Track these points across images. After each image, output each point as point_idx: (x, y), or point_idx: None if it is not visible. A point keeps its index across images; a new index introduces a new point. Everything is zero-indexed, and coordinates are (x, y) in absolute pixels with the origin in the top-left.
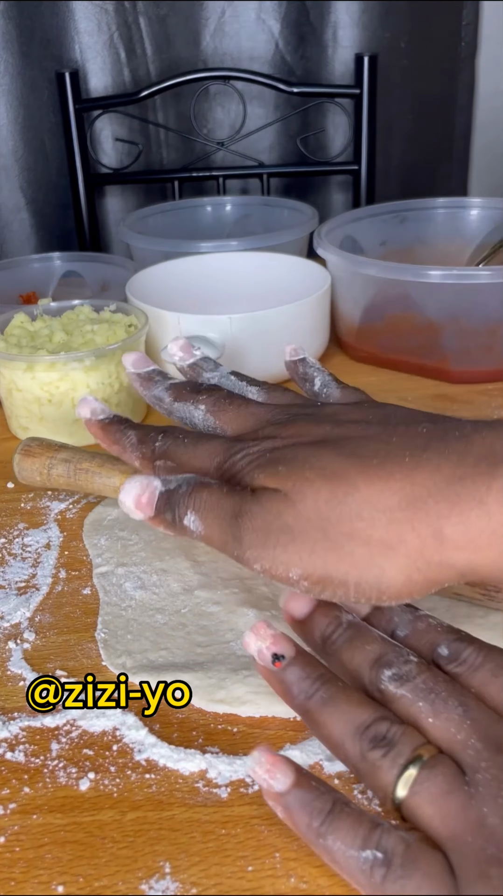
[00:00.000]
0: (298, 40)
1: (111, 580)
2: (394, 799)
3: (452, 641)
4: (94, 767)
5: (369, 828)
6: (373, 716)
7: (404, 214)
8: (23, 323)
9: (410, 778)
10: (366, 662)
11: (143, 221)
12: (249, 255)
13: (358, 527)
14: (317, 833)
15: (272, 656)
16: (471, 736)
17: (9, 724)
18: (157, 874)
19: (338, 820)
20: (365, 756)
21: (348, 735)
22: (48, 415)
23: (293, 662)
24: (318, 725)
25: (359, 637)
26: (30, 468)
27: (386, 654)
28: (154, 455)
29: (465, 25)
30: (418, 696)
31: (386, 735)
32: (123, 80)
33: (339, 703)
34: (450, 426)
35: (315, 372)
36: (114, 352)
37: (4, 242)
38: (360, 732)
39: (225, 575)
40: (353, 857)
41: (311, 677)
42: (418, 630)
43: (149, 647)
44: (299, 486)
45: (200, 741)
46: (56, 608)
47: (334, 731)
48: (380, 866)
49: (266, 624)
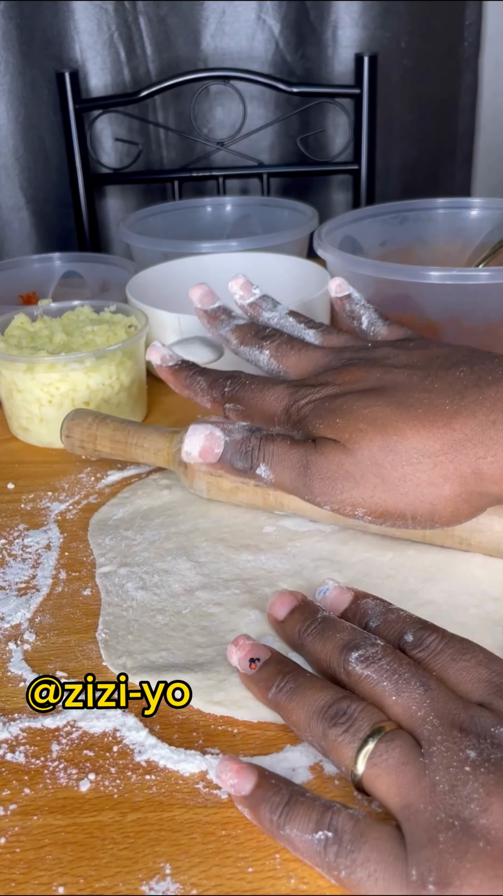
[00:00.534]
0: (298, 40)
1: (113, 580)
2: (354, 773)
3: (418, 629)
4: (94, 768)
5: (321, 811)
6: (334, 696)
7: (404, 215)
8: (23, 324)
9: (368, 751)
10: (335, 648)
11: (143, 222)
12: (249, 256)
13: (408, 470)
14: (276, 825)
15: (249, 661)
16: (430, 713)
17: (9, 726)
18: (158, 875)
19: (293, 809)
20: (326, 733)
21: (312, 716)
22: (48, 416)
23: (267, 663)
24: (288, 713)
25: (331, 627)
26: (77, 437)
27: (354, 639)
28: (224, 398)
29: (468, 25)
30: (382, 676)
31: (346, 711)
32: (123, 79)
33: (305, 690)
34: (484, 370)
35: (361, 309)
36: (114, 353)
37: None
38: (323, 712)
39: (226, 576)
40: (308, 840)
41: (282, 672)
42: (389, 620)
43: (149, 647)
44: (355, 437)
45: (201, 742)
46: (56, 609)
47: (301, 716)
48: (331, 844)
49: (245, 636)
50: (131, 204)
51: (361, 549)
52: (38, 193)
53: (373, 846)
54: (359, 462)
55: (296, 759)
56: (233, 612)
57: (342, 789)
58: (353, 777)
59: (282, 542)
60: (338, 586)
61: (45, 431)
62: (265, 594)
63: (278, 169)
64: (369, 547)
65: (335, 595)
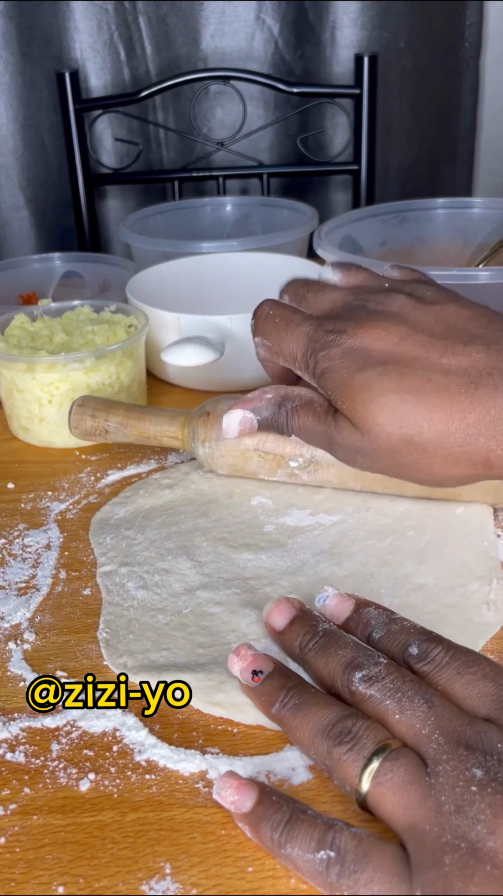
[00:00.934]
0: (297, 40)
1: (114, 580)
2: (359, 791)
3: (422, 641)
4: (94, 768)
5: (323, 830)
6: (339, 714)
7: (404, 215)
8: (23, 323)
9: (373, 770)
10: (339, 666)
11: (143, 221)
12: (249, 256)
13: (422, 457)
14: (278, 844)
15: (251, 673)
16: (435, 731)
17: (9, 725)
18: (158, 875)
19: (294, 828)
20: (331, 752)
21: (317, 734)
22: (49, 415)
23: (270, 676)
24: (291, 730)
25: (334, 643)
26: (86, 421)
27: (357, 658)
28: (253, 332)
29: (469, 26)
30: (386, 695)
31: (351, 730)
32: (123, 79)
33: (309, 706)
34: (498, 353)
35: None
36: (114, 352)
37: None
38: (328, 730)
39: (227, 575)
40: (310, 860)
41: (286, 687)
42: (392, 632)
43: (150, 647)
44: (375, 430)
45: (200, 742)
46: (56, 609)
47: (305, 733)
48: (334, 864)
49: (247, 646)
50: (131, 204)
51: (361, 538)
52: (37, 193)
53: (377, 867)
54: (376, 448)
55: (296, 759)
56: (233, 612)
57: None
58: (358, 796)
59: (283, 540)
60: (338, 594)
61: (45, 431)
62: (266, 593)
63: (278, 169)
64: (369, 534)
65: (335, 603)
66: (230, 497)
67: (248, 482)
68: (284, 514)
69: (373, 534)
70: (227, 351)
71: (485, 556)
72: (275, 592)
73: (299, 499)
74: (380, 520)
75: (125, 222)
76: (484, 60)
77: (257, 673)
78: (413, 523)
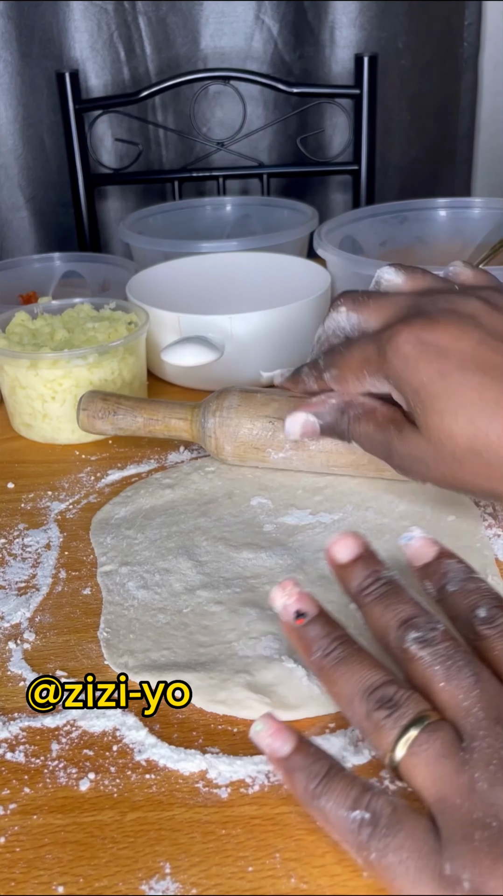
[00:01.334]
0: (296, 40)
1: (114, 579)
2: (392, 758)
3: (493, 606)
4: (94, 768)
5: (360, 790)
6: (382, 678)
7: (404, 215)
8: (23, 321)
9: (409, 739)
10: (394, 621)
11: (143, 221)
12: (249, 255)
13: (484, 473)
14: (312, 795)
15: (295, 613)
16: (476, 704)
17: (9, 725)
18: (158, 875)
19: (332, 782)
20: (370, 715)
21: (357, 694)
22: (52, 412)
23: (315, 621)
24: (331, 682)
25: (394, 595)
26: (96, 415)
27: (415, 617)
28: (321, 371)
29: (468, 25)
30: (436, 660)
31: (392, 697)
32: (123, 78)
33: (353, 664)
34: None
35: None
36: (116, 349)
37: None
38: (369, 693)
39: (227, 574)
40: (343, 816)
41: (330, 636)
42: (467, 589)
43: (151, 646)
44: (444, 440)
45: (200, 741)
46: (56, 608)
47: (345, 689)
48: (366, 826)
49: (293, 581)
50: (131, 204)
51: None
52: (36, 192)
53: (409, 834)
54: (439, 457)
55: None
56: (234, 611)
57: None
58: (391, 762)
59: (283, 539)
60: (424, 537)
61: (48, 428)
62: (266, 591)
63: (278, 169)
64: (367, 532)
65: (419, 545)
66: (230, 497)
67: (247, 483)
68: (284, 514)
69: (372, 532)
70: (227, 351)
71: (478, 555)
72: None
73: (299, 499)
74: (379, 518)
75: (125, 222)
76: (482, 60)
77: (301, 615)
78: (409, 524)
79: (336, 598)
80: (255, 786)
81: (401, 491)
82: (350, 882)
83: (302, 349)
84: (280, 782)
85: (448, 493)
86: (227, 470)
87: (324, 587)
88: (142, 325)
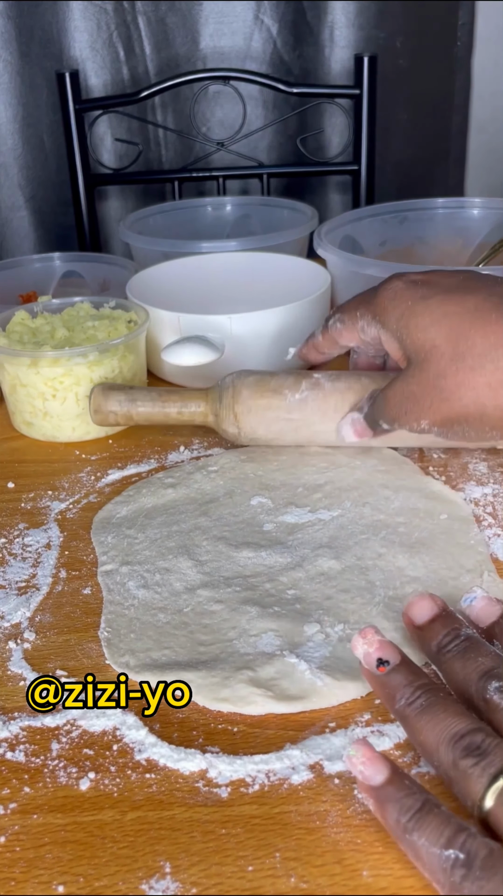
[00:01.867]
0: (296, 40)
1: (115, 579)
2: (481, 807)
3: None
4: (94, 767)
5: (455, 830)
6: (468, 726)
7: (404, 214)
8: (23, 320)
9: (499, 788)
10: (476, 673)
11: (143, 221)
12: (249, 255)
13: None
14: (404, 828)
15: (377, 661)
16: None
17: (9, 724)
18: (158, 874)
19: (425, 818)
20: (457, 764)
21: (443, 742)
22: (52, 410)
23: (397, 669)
24: (415, 731)
25: (474, 649)
26: (109, 403)
27: (497, 668)
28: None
29: (461, 25)
30: None
31: (480, 745)
32: (122, 78)
33: (437, 712)
34: None
35: None
36: (116, 347)
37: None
38: (455, 741)
39: (227, 574)
40: (436, 854)
41: (413, 685)
42: None
43: (152, 646)
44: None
45: (200, 741)
46: (56, 608)
47: (430, 738)
48: (460, 867)
49: (374, 629)
50: (131, 204)
51: (357, 532)
52: (36, 192)
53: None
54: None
55: (297, 758)
56: (234, 610)
57: (342, 788)
58: (479, 811)
59: (283, 538)
60: (487, 596)
61: (48, 426)
62: (266, 590)
63: (278, 169)
64: (364, 529)
65: (483, 606)
66: (231, 497)
67: (249, 482)
68: (284, 513)
69: (369, 528)
70: (227, 351)
71: (473, 552)
72: (274, 589)
73: (298, 497)
74: (376, 515)
75: (125, 222)
76: (475, 60)
77: (383, 663)
78: (403, 520)
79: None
80: (255, 785)
81: (397, 487)
82: (350, 882)
83: None
84: (280, 781)
85: (440, 492)
86: (230, 469)
87: (322, 584)
88: (142, 322)
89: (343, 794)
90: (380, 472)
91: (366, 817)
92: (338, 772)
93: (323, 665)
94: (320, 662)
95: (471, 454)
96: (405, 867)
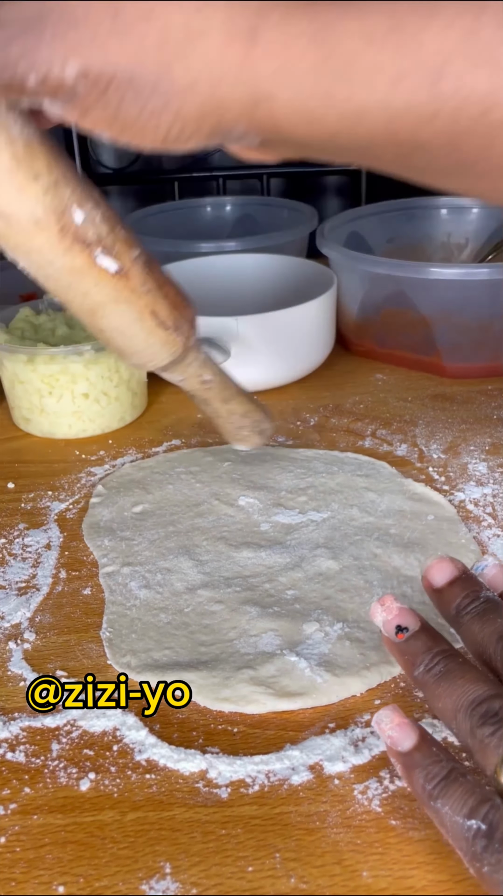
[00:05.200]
0: None
1: (116, 580)
2: (498, 780)
3: None
4: (94, 768)
5: (479, 799)
6: (487, 692)
7: (409, 212)
8: (27, 317)
9: None
10: (494, 634)
11: (143, 221)
12: (249, 256)
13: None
14: (429, 795)
15: (396, 628)
16: None
17: (9, 725)
18: (158, 874)
19: (450, 786)
20: (474, 731)
21: (461, 709)
22: (49, 406)
23: (416, 635)
24: (434, 697)
25: (493, 611)
26: None
27: None
28: None
29: None
30: None
31: (497, 713)
32: None
33: (456, 678)
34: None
35: None
36: None
37: None
38: (472, 707)
39: (227, 574)
40: (459, 823)
41: (432, 651)
42: None
43: (153, 646)
44: None
45: (201, 741)
46: (56, 608)
47: (448, 704)
48: (482, 837)
49: (393, 597)
50: (131, 204)
51: (351, 533)
52: None
53: None
54: None
55: (297, 758)
56: (234, 610)
57: (342, 788)
58: (498, 784)
59: (281, 537)
60: (499, 564)
61: (45, 422)
62: (266, 590)
63: (278, 169)
64: (357, 530)
65: (495, 574)
66: (217, 498)
67: (232, 485)
68: (275, 514)
69: (362, 530)
70: (234, 353)
71: (465, 550)
72: (273, 589)
73: (285, 500)
74: (365, 517)
75: None
76: None
77: (402, 630)
78: (393, 521)
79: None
80: (255, 786)
81: (380, 490)
82: (350, 882)
83: (308, 352)
84: (280, 782)
85: (423, 494)
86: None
87: (321, 584)
88: None
89: (343, 794)
90: (360, 477)
91: (366, 818)
92: (338, 772)
93: (322, 662)
94: (320, 660)
95: (471, 454)
96: (405, 867)
